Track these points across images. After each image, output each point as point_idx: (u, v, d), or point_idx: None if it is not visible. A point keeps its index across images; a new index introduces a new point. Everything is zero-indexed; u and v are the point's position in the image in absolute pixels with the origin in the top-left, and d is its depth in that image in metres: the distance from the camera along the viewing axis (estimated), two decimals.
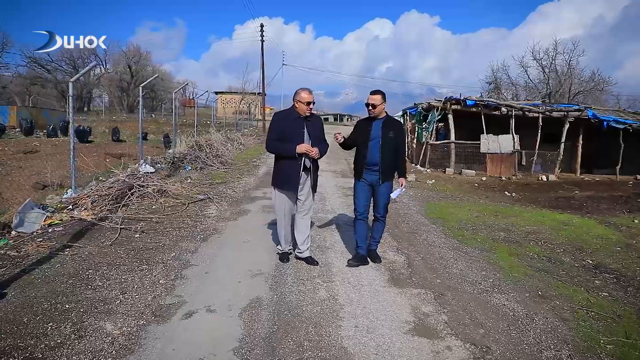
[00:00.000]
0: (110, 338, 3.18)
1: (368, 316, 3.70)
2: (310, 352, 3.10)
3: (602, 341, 3.47)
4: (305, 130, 4.57)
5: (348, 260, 4.94)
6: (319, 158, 4.68)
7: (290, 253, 5.00)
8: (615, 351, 3.33)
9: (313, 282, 4.38)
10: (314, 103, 4.62)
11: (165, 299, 3.89)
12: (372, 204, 4.96)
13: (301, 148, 4.45)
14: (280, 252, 5.01)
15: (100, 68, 48.24)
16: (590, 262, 5.54)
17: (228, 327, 3.42)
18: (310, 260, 4.88)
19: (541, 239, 6.43)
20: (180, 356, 2.99)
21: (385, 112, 4.81)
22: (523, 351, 3.27)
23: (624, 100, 37.83)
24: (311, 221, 5.05)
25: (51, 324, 3.34)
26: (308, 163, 4.62)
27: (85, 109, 46.39)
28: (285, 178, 4.63)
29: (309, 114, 4.61)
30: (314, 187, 4.80)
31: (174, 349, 3.07)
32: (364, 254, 4.94)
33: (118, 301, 3.79)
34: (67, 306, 3.64)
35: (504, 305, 4.08)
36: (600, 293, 4.51)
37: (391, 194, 4.83)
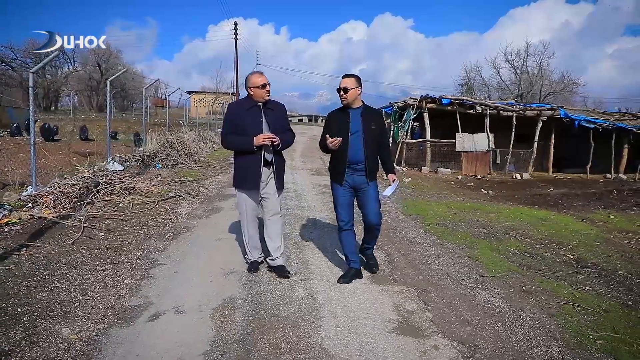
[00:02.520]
0: (66, 344, 2.87)
1: (349, 315, 3.48)
2: (288, 355, 2.86)
3: (591, 336, 3.34)
4: (264, 119, 4.01)
5: (338, 279, 4.18)
6: (282, 149, 4.11)
7: (261, 262, 4.39)
8: (606, 346, 3.20)
9: (290, 280, 4.14)
10: (269, 84, 4.01)
11: (130, 300, 3.58)
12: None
13: (259, 139, 3.85)
14: (248, 260, 4.38)
15: (69, 66, 46.75)
16: (571, 257, 5.46)
17: (198, 329, 3.14)
18: (281, 270, 4.22)
19: (521, 235, 6.35)
20: None
21: (362, 100, 4.12)
22: (512, 348, 3.11)
23: (590, 102, 39.02)
24: (283, 224, 4.53)
25: None
26: (269, 157, 4.04)
27: (53, 108, 44.82)
28: (244, 175, 4.07)
29: (267, 99, 4.03)
30: (279, 185, 4.19)
31: (137, 355, 2.79)
32: (357, 267, 4.25)
33: (77, 303, 3.47)
34: (19, 310, 3.30)
35: (489, 301, 3.93)
36: (584, 288, 4.41)
37: (384, 192, 4.23)
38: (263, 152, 3.99)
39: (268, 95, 4.03)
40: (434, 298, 3.93)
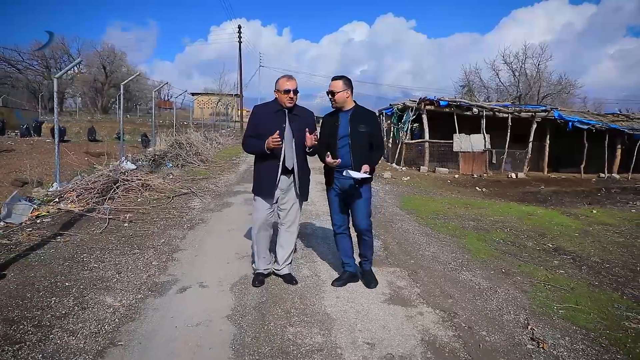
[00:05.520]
0: (111, 309, 3.45)
1: (348, 289, 4.04)
2: (297, 318, 3.44)
3: (555, 307, 3.89)
4: (288, 124, 3.84)
5: (333, 281, 4.18)
6: (311, 155, 4.01)
7: (268, 275, 4.19)
8: (566, 315, 3.76)
9: (297, 262, 4.70)
10: (296, 92, 3.84)
11: (160, 277, 4.17)
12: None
13: (268, 142, 3.67)
14: (254, 271, 4.18)
15: (74, 68, 47.37)
16: (551, 246, 6.01)
17: (221, 299, 3.73)
18: (288, 278, 4.16)
19: (507, 227, 6.91)
20: (178, 322, 3.28)
21: (354, 102, 4.01)
22: (486, 315, 3.67)
23: (590, 104, 39.59)
24: (297, 235, 4.32)
25: (54, 298, 3.59)
26: (290, 164, 3.89)
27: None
28: (260, 182, 3.94)
29: (291, 106, 3.86)
30: (301, 195, 4.08)
31: (172, 317, 3.36)
32: (352, 270, 4.22)
33: (115, 279, 4.05)
34: (66, 284, 3.89)
35: (471, 280, 4.49)
36: (557, 271, 4.96)
37: (350, 172, 3.73)
38: (283, 159, 3.85)
39: (291, 103, 3.84)
40: (422, 277, 4.50)
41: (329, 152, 3.93)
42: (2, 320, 3.16)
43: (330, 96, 3.96)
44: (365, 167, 3.79)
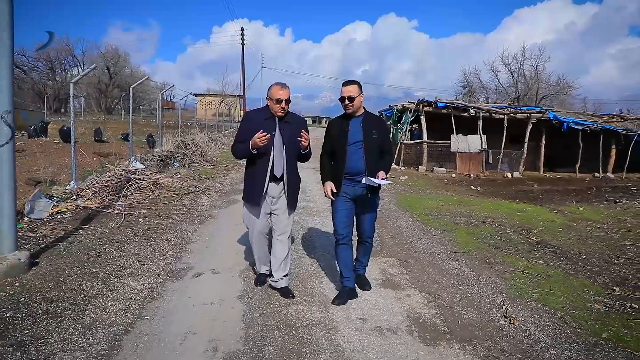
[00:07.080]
0: (136, 290, 3.93)
1: None
2: (299, 298, 3.92)
3: (530, 291, 4.36)
4: (278, 132, 3.78)
5: (333, 300, 3.89)
6: (304, 161, 4.05)
7: (269, 275, 4.15)
8: (539, 297, 4.23)
9: (299, 252, 5.20)
10: (288, 102, 3.77)
11: (176, 265, 4.64)
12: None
13: (254, 140, 3.61)
14: (257, 272, 4.30)
15: (78, 70, 47.95)
16: (535, 239, 6.48)
17: (231, 283, 4.21)
18: (285, 292, 3.98)
19: (496, 222, 7.38)
20: (195, 302, 3.76)
21: (364, 107, 3.92)
22: (467, 298, 4.14)
23: (590, 104, 39.96)
24: (290, 245, 4.22)
25: (84, 281, 4.06)
26: (279, 172, 3.81)
27: (63, 110, 46.08)
28: (249, 189, 3.94)
29: (282, 115, 3.79)
30: (290, 204, 3.95)
31: (189, 297, 3.84)
32: (351, 286, 4.00)
33: (136, 266, 4.53)
34: (93, 270, 4.36)
35: (457, 269, 4.96)
36: (537, 261, 5.43)
37: (371, 178, 3.69)
38: (271, 166, 3.79)
39: (282, 113, 3.76)
40: (412, 266, 4.97)
41: (331, 182, 3.92)
42: (43, 299, 3.64)
43: (347, 102, 3.78)
44: (382, 174, 3.77)
